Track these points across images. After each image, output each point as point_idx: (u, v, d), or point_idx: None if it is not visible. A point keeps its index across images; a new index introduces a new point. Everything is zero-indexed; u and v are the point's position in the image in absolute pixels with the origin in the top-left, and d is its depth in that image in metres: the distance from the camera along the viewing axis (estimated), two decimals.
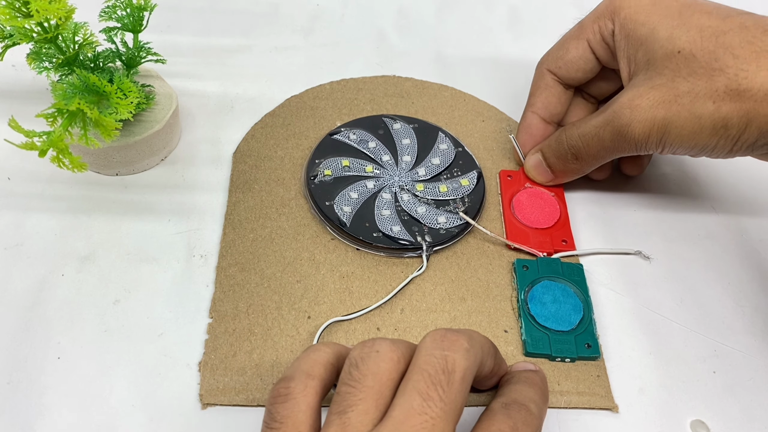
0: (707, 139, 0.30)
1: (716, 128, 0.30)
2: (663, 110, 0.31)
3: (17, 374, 0.29)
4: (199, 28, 0.47)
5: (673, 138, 0.31)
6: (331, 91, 0.43)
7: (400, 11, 0.51)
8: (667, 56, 0.31)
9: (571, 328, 0.31)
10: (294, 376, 0.23)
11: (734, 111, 0.29)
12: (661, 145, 0.32)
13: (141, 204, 0.36)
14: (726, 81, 0.29)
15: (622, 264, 0.35)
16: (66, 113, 0.30)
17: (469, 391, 0.23)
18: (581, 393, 0.30)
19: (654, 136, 0.31)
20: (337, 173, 0.37)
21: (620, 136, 0.32)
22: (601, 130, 0.33)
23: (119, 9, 0.35)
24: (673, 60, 0.31)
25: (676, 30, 0.31)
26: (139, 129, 0.36)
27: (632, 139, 0.32)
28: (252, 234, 0.34)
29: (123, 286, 0.32)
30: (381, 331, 0.31)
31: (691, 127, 0.30)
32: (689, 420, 0.30)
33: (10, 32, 0.32)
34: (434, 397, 0.21)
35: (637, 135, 0.32)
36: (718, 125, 0.30)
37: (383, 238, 0.34)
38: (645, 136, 0.31)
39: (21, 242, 0.33)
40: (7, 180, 0.36)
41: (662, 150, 0.32)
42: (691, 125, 0.30)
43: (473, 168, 0.38)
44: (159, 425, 0.28)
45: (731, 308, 0.34)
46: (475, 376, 0.24)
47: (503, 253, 0.35)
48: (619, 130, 0.32)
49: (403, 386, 0.22)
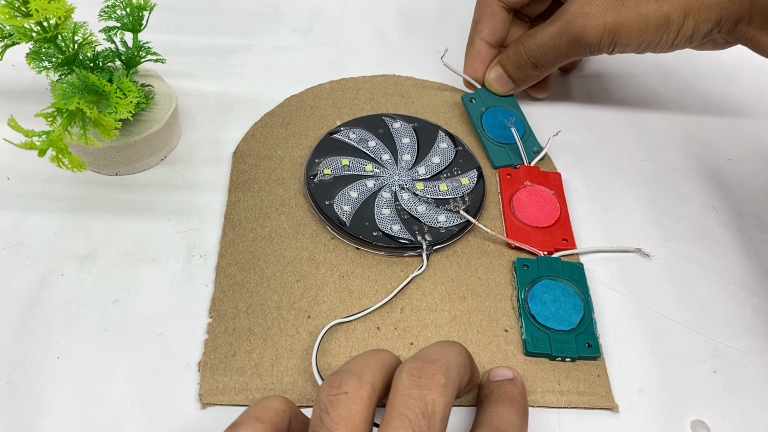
0: (652, 36, 0.35)
1: (659, 25, 0.34)
2: (612, 14, 0.34)
3: (17, 374, 0.29)
4: (199, 27, 0.47)
5: (624, 38, 0.35)
6: (330, 90, 0.43)
7: (400, 11, 0.51)
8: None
9: (572, 328, 0.31)
10: (242, 421, 0.22)
11: (673, 7, 0.33)
12: (612, 45, 0.35)
13: (140, 204, 0.36)
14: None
15: (623, 263, 0.35)
16: (65, 113, 0.30)
17: None
18: (581, 393, 0.30)
19: (606, 38, 0.35)
20: (336, 172, 0.37)
21: (575, 42, 0.36)
22: (557, 39, 0.36)
23: (119, 8, 0.35)
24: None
25: None
26: (138, 129, 0.36)
27: (587, 43, 0.35)
28: (252, 233, 0.34)
29: (122, 286, 0.32)
30: (381, 331, 0.31)
31: (638, 26, 0.34)
32: (689, 420, 0.30)
33: (9, 32, 0.32)
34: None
35: (591, 39, 0.35)
36: (661, 21, 0.34)
37: (383, 237, 0.34)
38: (598, 40, 0.35)
39: (20, 242, 0.33)
40: (6, 180, 0.36)
41: (612, 50, 0.36)
42: (639, 24, 0.34)
43: (473, 167, 0.38)
44: (159, 425, 0.28)
45: (731, 308, 0.34)
46: None
47: (503, 252, 0.35)
48: (574, 37, 0.35)
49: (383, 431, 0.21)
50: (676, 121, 0.44)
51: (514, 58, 0.39)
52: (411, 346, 0.31)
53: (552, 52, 0.37)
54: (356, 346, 0.30)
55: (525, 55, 0.38)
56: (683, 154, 0.42)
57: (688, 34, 0.34)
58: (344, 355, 0.30)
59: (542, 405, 0.29)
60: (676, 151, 0.42)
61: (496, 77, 0.40)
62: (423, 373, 0.22)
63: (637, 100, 0.46)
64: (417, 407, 0.21)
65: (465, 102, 0.41)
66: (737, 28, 0.34)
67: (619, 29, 0.34)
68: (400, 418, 0.21)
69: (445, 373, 0.23)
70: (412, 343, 0.31)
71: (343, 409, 0.21)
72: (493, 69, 0.40)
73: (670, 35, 0.34)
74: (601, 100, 0.45)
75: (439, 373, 0.22)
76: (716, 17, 0.34)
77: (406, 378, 0.22)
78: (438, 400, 0.22)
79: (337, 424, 0.21)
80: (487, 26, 0.40)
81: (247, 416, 0.23)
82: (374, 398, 0.22)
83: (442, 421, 0.22)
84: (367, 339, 0.31)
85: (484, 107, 0.41)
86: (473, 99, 0.41)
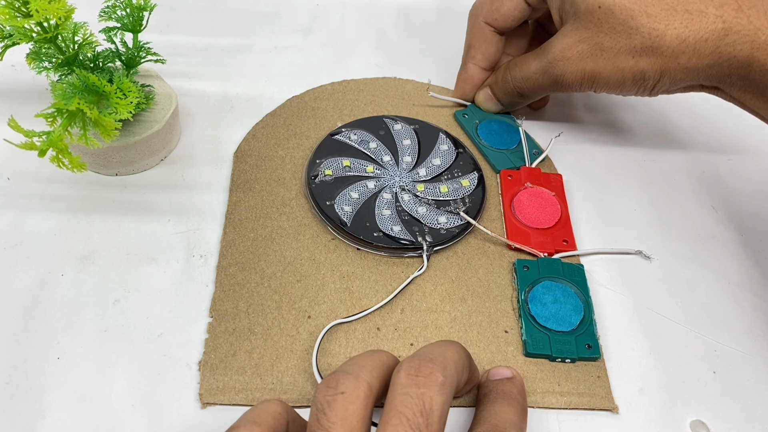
0: (630, 87, 0.35)
1: (636, 79, 0.35)
2: (591, 63, 0.35)
3: (17, 374, 0.29)
4: (199, 28, 0.47)
5: (602, 85, 0.36)
6: (332, 91, 0.43)
7: (400, 11, 0.51)
8: (589, 11, 0.34)
9: (572, 329, 0.31)
10: (239, 425, 0.23)
11: (650, 65, 0.34)
12: (592, 89, 0.36)
13: (141, 204, 0.36)
14: (641, 39, 0.33)
15: (623, 264, 0.35)
16: (65, 113, 0.30)
17: None
18: (581, 394, 0.30)
19: (585, 83, 0.36)
20: (337, 173, 0.37)
21: (556, 83, 0.37)
22: (540, 76, 0.37)
23: (119, 9, 0.35)
24: (595, 14, 0.34)
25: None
26: (138, 129, 0.36)
27: (567, 85, 0.37)
28: (252, 233, 0.34)
29: (123, 286, 0.32)
30: (381, 331, 0.31)
31: (615, 78, 0.35)
32: (689, 420, 0.30)
33: (9, 32, 0.32)
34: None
35: (570, 82, 0.36)
36: (638, 77, 0.34)
37: (384, 237, 0.34)
38: (578, 84, 0.36)
39: (20, 242, 0.33)
40: (6, 180, 0.36)
41: (595, 91, 0.37)
42: (616, 77, 0.35)
43: (474, 169, 0.38)
44: (159, 425, 0.28)
45: (731, 308, 0.34)
46: None
47: (504, 254, 0.35)
48: (555, 78, 0.37)
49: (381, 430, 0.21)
50: (676, 121, 0.44)
51: (502, 85, 0.40)
52: (411, 347, 0.31)
53: (536, 86, 0.38)
54: (356, 346, 0.30)
55: (511, 84, 0.39)
56: (683, 155, 0.42)
57: (665, 88, 0.35)
58: (344, 356, 0.30)
59: (542, 406, 0.29)
60: (676, 152, 0.42)
61: (485, 98, 0.41)
62: (421, 372, 0.22)
63: (638, 100, 0.46)
64: (415, 405, 0.21)
65: (458, 118, 0.42)
66: (720, 90, 0.34)
67: (597, 78, 0.35)
68: (398, 417, 0.21)
69: (443, 371, 0.23)
70: (412, 343, 0.31)
71: (340, 409, 0.22)
72: (482, 90, 0.41)
73: (647, 88, 0.35)
74: (602, 100, 0.45)
75: (436, 371, 0.22)
76: (694, 79, 0.34)
77: (404, 377, 0.22)
78: (436, 398, 0.22)
79: (334, 424, 0.21)
80: (480, 51, 0.40)
81: (244, 420, 0.23)
82: (371, 398, 0.22)
83: (440, 419, 0.22)
84: (368, 339, 0.31)
85: (477, 120, 0.41)
86: (466, 114, 0.42)
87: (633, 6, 0.33)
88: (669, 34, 0.32)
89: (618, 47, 0.34)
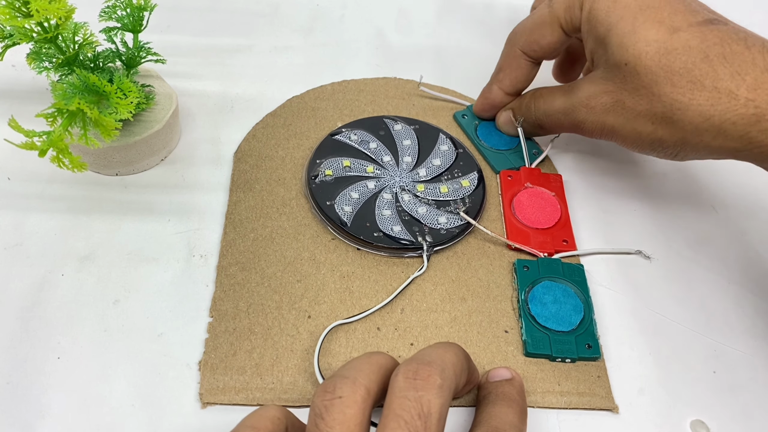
0: (648, 151, 0.33)
1: (654, 145, 0.32)
2: (612, 118, 0.33)
3: (17, 374, 0.29)
4: (199, 28, 0.47)
5: (620, 141, 0.34)
6: (332, 91, 0.43)
7: (400, 11, 0.51)
8: (616, 65, 0.32)
9: (572, 329, 0.31)
10: (238, 430, 0.23)
11: (669, 135, 0.31)
12: (611, 141, 0.35)
13: (141, 204, 0.36)
14: (662, 108, 0.31)
15: (622, 264, 0.35)
16: (66, 113, 0.30)
17: None
18: (582, 393, 0.30)
19: (605, 135, 0.35)
20: (338, 173, 0.37)
21: (576, 127, 0.36)
22: (562, 116, 0.36)
23: (119, 9, 0.35)
24: (622, 70, 0.32)
25: (626, 38, 0.32)
26: (138, 129, 0.36)
27: (586, 133, 0.35)
28: (253, 233, 0.34)
29: (123, 286, 0.32)
30: (381, 331, 0.31)
31: (633, 139, 0.33)
32: (689, 420, 0.30)
33: (10, 32, 0.32)
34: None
35: (589, 131, 0.35)
36: (656, 143, 0.32)
37: (384, 237, 0.34)
38: (597, 134, 0.35)
39: (21, 242, 0.33)
40: (7, 180, 0.36)
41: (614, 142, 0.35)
42: (633, 137, 0.33)
43: (474, 169, 0.38)
44: (159, 425, 0.28)
45: (731, 308, 0.34)
46: None
47: (504, 254, 0.35)
48: (576, 123, 0.35)
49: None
50: None
51: (525, 112, 0.39)
52: (411, 347, 0.31)
53: (556, 124, 0.37)
54: (356, 346, 0.30)
55: (534, 115, 0.38)
56: None
57: (688, 158, 0.32)
58: (344, 356, 0.30)
59: (542, 406, 0.29)
60: None
61: (505, 121, 0.40)
62: (419, 375, 0.22)
63: None
64: (413, 408, 0.21)
65: (458, 118, 0.42)
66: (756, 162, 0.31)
67: (616, 134, 0.34)
68: (396, 420, 0.21)
69: (441, 374, 0.23)
70: (413, 343, 0.31)
71: (338, 414, 0.22)
72: (505, 113, 0.40)
73: (667, 155, 0.33)
74: None
75: (434, 374, 0.22)
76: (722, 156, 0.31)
77: (402, 380, 0.22)
78: (434, 401, 0.22)
79: (333, 428, 0.21)
80: (509, 77, 0.39)
81: (243, 425, 0.23)
82: (369, 401, 0.22)
83: (439, 422, 0.22)
84: (368, 339, 0.31)
85: (477, 120, 0.41)
86: (465, 115, 0.42)
87: (659, 72, 0.30)
88: (692, 110, 0.30)
89: (638, 110, 0.32)
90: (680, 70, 0.30)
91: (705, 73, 0.29)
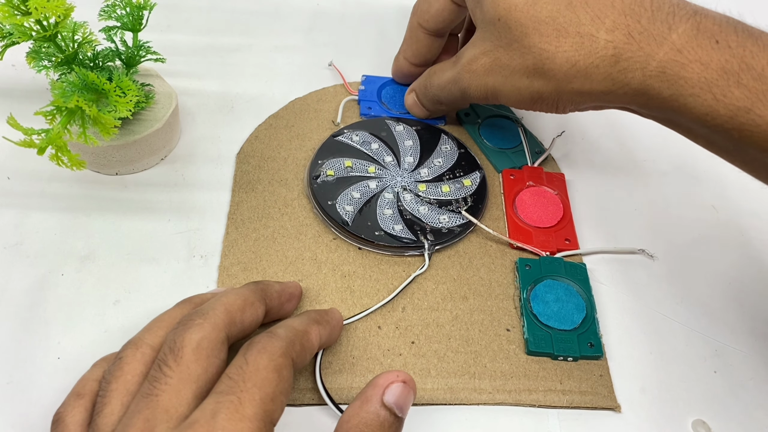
0: (530, 106, 0.33)
1: (534, 98, 0.32)
2: (492, 78, 0.33)
3: (17, 374, 0.28)
4: (199, 27, 0.47)
5: (504, 101, 0.34)
6: (334, 93, 0.43)
7: (401, 11, 0.51)
8: (491, 21, 0.32)
9: (574, 327, 0.31)
10: (65, 401, 0.25)
11: (544, 86, 0.31)
12: (498, 102, 0.34)
13: (141, 203, 0.35)
14: (533, 60, 0.31)
15: (624, 263, 0.35)
16: (64, 111, 0.30)
17: None
18: (584, 392, 0.30)
19: (489, 97, 0.34)
20: (339, 174, 0.37)
21: (464, 94, 0.35)
22: (452, 85, 0.36)
23: (119, 8, 0.35)
24: (496, 26, 0.32)
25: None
26: (138, 128, 0.35)
27: (473, 97, 0.35)
28: (255, 233, 0.34)
29: (123, 286, 0.32)
30: (382, 329, 0.31)
31: (515, 96, 0.33)
32: (691, 419, 0.30)
33: (9, 31, 0.31)
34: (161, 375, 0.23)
35: (474, 95, 0.34)
36: (535, 97, 0.32)
37: (385, 236, 0.34)
38: (482, 97, 0.34)
39: (21, 241, 0.33)
40: (6, 179, 0.36)
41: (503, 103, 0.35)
42: (515, 95, 0.33)
43: (476, 169, 0.38)
44: None
45: (732, 308, 0.34)
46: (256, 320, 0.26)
47: (506, 252, 0.35)
48: (462, 89, 0.35)
49: None
50: None
51: (424, 91, 0.39)
52: (412, 345, 0.31)
53: (450, 96, 0.36)
54: (357, 344, 0.30)
55: (431, 92, 0.38)
56: (683, 154, 0.42)
57: (568, 108, 0.32)
58: (345, 354, 0.30)
59: (544, 404, 0.29)
60: (676, 151, 0.42)
61: (411, 103, 0.41)
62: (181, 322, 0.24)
63: None
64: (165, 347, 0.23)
65: (460, 117, 0.42)
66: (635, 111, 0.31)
67: (498, 93, 0.33)
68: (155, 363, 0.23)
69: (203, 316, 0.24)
70: (413, 342, 0.31)
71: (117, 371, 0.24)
72: (410, 95, 0.41)
73: (549, 106, 0.33)
74: None
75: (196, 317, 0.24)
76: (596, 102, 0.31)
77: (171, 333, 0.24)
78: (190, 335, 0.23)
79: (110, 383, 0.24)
80: (411, 49, 0.40)
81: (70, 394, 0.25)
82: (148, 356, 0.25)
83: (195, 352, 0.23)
84: (368, 338, 0.31)
85: (480, 119, 0.41)
86: (468, 114, 0.42)
87: (527, 23, 0.30)
88: (559, 57, 0.30)
89: (513, 65, 0.31)
90: (546, 18, 0.30)
91: (569, 19, 0.29)
